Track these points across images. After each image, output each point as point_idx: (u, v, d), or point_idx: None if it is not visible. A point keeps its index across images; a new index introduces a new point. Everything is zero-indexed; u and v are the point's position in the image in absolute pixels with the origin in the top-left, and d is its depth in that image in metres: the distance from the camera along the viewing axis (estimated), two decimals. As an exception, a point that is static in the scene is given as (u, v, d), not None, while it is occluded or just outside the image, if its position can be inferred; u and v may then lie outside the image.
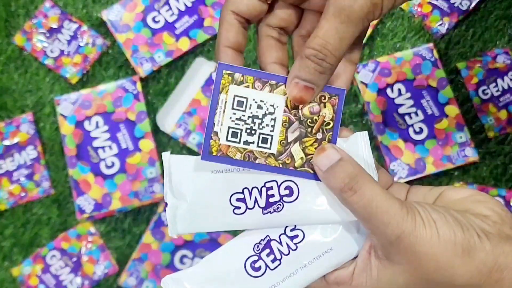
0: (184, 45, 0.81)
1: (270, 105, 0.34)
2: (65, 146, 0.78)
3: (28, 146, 0.79)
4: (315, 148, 0.34)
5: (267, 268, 0.34)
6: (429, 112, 0.77)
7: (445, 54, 0.81)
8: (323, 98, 0.34)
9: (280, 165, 0.34)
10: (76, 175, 0.77)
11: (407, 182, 0.76)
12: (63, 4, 0.84)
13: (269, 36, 0.36)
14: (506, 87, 0.79)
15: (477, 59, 0.80)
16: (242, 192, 0.34)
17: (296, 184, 0.34)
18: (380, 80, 0.78)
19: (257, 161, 0.34)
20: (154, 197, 0.76)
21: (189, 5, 0.82)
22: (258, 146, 0.34)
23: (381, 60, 0.79)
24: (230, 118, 0.33)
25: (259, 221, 0.34)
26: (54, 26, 0.82)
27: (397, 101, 0.78)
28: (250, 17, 0.34)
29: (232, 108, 0.33)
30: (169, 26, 0.81)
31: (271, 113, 0.34)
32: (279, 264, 0.34)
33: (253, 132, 0.34)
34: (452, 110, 0.77)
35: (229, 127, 0.33)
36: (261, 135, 0.34)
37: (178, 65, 0.82)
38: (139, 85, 0.80)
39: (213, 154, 0.33)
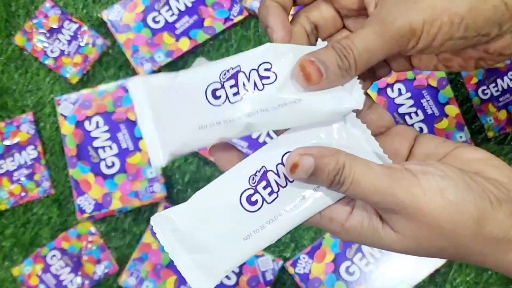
0: (184, 45, 0.81)
1: None
2: (65, 146, 0.78)
3: (29, 146, 0.79)
4: None
5: (264, 202, 0.31)
6: (429, 111, 0.77)
7: (445, 54, 0.81)
8: None
9: None
10: (76, 175, 0.77)
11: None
12: (64, 4, 0.84)
13: (302, 26, 0.35)
14: (505, 87, 0.79)
15: (477, 59, 0.80)
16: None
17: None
18: (380, 79, 0.78)
19: None
20: (155, 197, 0.76)
21: (189, 5, 0.82)
22: None
23: (381, 60, 0.79)
24: None
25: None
26: (55, 26, 0.82)
27: (397, 101, 0.78)
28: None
29: None
30: (169, 26, 0.81)
31: None
32: (276, 197, 0.31)
33: None
34: (452, 109, 0.77)
35: None
36: None
37: (178, 65, 0.82)
38: (139, 85, 0.79)
39: None
